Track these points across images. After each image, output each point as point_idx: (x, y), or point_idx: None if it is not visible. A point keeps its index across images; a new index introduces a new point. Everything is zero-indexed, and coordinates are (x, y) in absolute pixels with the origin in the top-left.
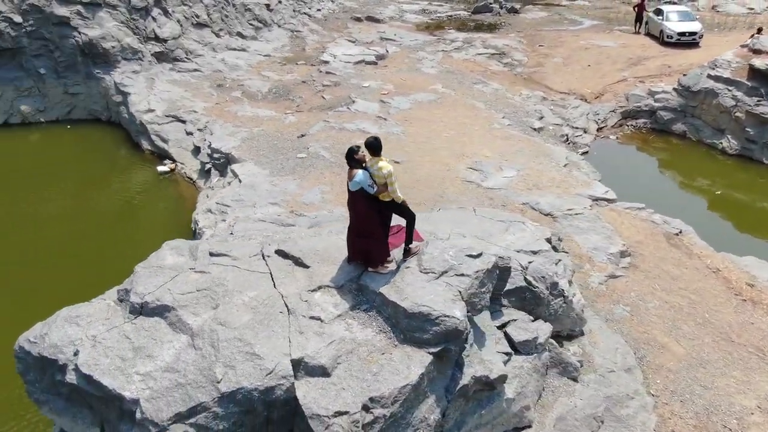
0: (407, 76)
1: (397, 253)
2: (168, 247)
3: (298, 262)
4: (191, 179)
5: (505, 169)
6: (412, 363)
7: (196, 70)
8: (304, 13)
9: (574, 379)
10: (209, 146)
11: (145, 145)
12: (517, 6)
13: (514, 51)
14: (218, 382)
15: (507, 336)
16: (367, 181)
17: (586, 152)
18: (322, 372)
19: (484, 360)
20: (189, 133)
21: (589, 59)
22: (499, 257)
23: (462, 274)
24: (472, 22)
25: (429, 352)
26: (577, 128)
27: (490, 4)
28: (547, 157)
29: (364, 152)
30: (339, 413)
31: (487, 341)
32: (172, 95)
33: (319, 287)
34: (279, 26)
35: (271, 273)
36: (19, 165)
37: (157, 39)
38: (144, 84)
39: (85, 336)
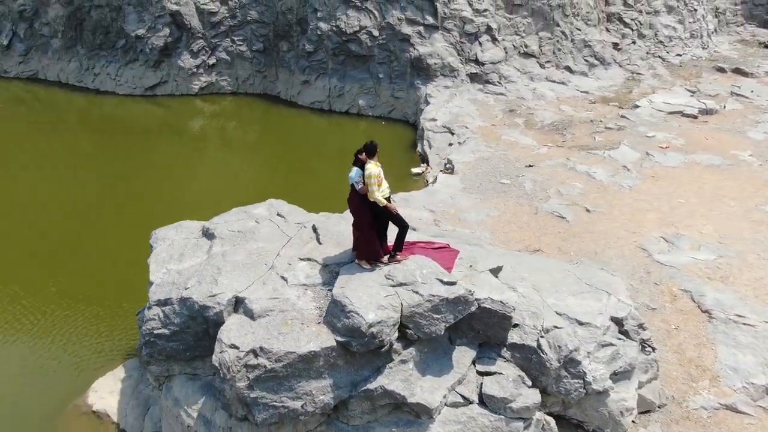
0: (717, 136)
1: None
2: (266, 203)
3: (317, 238)
4: (427, 181)
5: (704, 251)
6: (314, 340)
7: (501, 94)
8: (658, 57)
9: None
10: (447, 156)
11: (419, 148)
12: None
13: None
14: (186, 289)
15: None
16: (356, 178)
17: None
18: (250, 315)
19: (413, 382)
20: (450, 144)
21: None
22: (501, 302)
23: (416, 292)
24: None
25: (335, 339)
26: None
27: None
28: None
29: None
30: (233, 346)
31: (448, 375)
32: (461, 111)
33: (309, 259)
34: (620, 66)
35: (291, 238)
36: (345, 145)
37: (476, 61)
38: (445, 98)
39: (171, 238)
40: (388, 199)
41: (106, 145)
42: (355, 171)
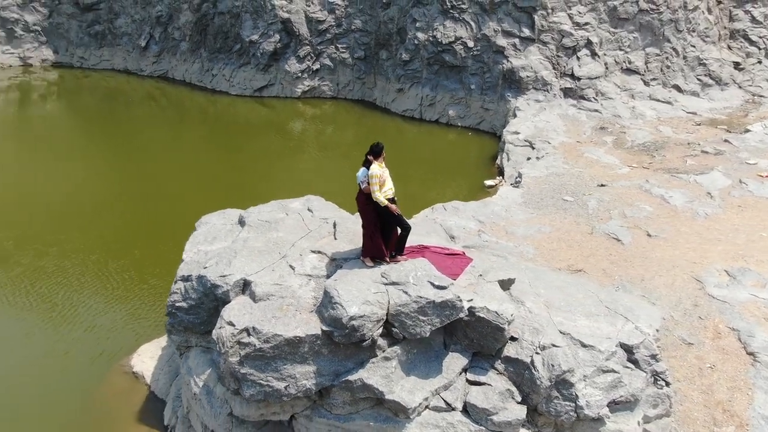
0: None
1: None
2: (304, 198)
3: (335, 234)
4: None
5: None
6: (301, 327)
7: (595, 110)
8: None
9: None
10: (519, 170)
11: (497, 160)
12: None
13: None
14: (204, 268)
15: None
16: (361, 177)
17: None
18: (253, 297)
19: (394, 380)
20: (528, 158)
21: None
22: (496, 313)
23: (406, 292)
24: None
25: (321, 329)
26: None
27: None
28: None
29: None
30: (230, 323)
31: (434, 378)
32: (547, 125)
33: (319, 252)
34: (739, 87)
35: (310, 231)
36: (431, 154)
37: (572, 76)
38: (533, 111)
39: (212, 223)
40: (392, 200)
41: (216, 139)
42: (361, 171)
